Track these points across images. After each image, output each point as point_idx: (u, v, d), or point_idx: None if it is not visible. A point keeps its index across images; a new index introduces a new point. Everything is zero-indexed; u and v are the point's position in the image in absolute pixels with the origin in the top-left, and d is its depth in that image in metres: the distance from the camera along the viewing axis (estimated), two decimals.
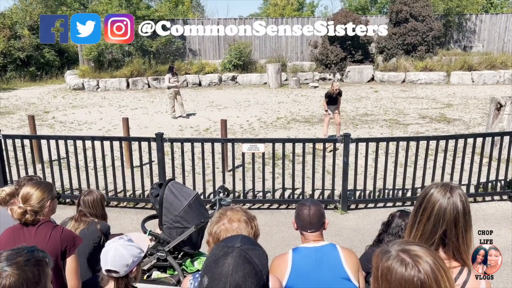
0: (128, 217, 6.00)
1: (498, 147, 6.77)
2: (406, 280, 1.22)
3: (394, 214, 2.99)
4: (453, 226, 1.69)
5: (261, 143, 5.99)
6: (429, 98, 16.33)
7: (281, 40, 23.20)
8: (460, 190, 1.74)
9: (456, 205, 1.70)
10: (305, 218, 2.40)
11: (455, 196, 1.70)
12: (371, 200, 6.22)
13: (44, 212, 2.59)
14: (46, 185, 2.69)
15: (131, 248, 2.01)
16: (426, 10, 21.17)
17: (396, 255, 1.26)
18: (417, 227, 1.75)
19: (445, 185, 1.75)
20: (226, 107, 15.13)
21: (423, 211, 1.74)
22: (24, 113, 14.18)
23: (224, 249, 1.21)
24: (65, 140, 6.25)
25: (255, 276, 1.18)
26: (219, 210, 2.00)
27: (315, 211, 2.41)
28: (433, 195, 1.72)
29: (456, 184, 1.79)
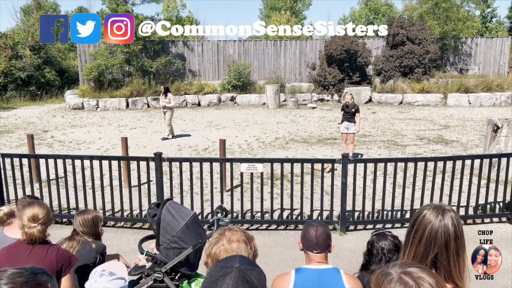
0: (125, 237, 5.94)
1: (496, 168, 6.79)
2: None
3: (371, 240, 2.89)
4: (444, 250, 1.65)
5: (260, 163, 5.99)
6: (427, 119, 16.45)
7: (279, 61, 23.51)
8: (452, 212, 1.72)
9: (447, 227, 1.66)
10: (311, 238, 2.39)
11: (447, 219, 1.68)
12: (370, 221, 6.19)
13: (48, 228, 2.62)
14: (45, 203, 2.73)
15: (116, 282, 2.01)
16: (422, 34, 21.55)
17: (399, 278, 1.24)
18: (409, 249, 1.72)
19: (437, 207, 1.73)
20: (225, 127, 15.19)
21: (415, 233, 1.71)
22: (23, 132, 14.20)
23: (222, 270, 1.21)
24: (63, 159, 6.24)
25: None
26: (218, 231, 1.99)
27: (322, 232, 2.41)
28: (425, 216, 1.71)
29: (449, 206, 1.78)
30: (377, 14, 41.47)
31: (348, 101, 9.99)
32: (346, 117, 9.95)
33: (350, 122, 9.91)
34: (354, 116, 9.90)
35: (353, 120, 9.89)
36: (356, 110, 9.94)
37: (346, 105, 10.01)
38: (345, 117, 9.97)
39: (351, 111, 9.91)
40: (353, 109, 9.91)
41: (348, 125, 9.91)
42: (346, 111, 9.96)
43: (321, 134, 13.66)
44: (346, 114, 9.95)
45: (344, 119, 9.97)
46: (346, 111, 9.96)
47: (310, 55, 23.49)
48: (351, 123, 9.89)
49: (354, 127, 9.88)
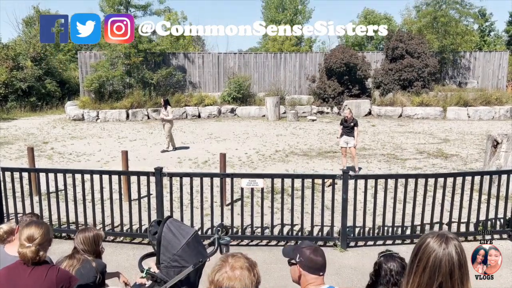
0: (124, 252, 5.91)
1: (497, 184, 6.79)
2: None
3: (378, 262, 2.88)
4: (448, 278, 1.65)
5: (260, 178, 5.99)
6: (426, 133, 16.49)
7: (279, 74, 23.65)
8: (456, 241, 1.72)
9: (451, 256, 1.66)
10: (319, 262, 2.38)
11: (451, 247, 1.68)
12: (371, 237, 6.16)
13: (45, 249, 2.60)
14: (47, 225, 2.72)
15: None
16: (421, 47, 21.72)
17: None
18: (413, 278, 1.71)
19: (441, 235, 1.73)
20: (225, 139, 15.21)
21: (418, 262, 1.71)
22: (23, 144, 14.20)
23: None
24: (64, 173, 6.24)
25: None
26: (221, 257, 1.98)
27: (323, 253, 2.43)
28: (428, 245, 1.70)
29: (453, 234, 1.78)
30: (376, 31, 41.80)
31: (347, 115, 10.06)
32: (345, 131, 9.99)
33: (349, 136, 9.95)
34: (353, 130, 9.95)
35: (352, 134, 9.94)
36: (355, 124, 9.99)
37: (345, 120, 10.07)
38: (344, 131, 10.01)
39: (350, 125, 9.96)
40: (352, 123, 9.96)
41: (347, 139, 9.94)
42: (345, 125, 10.01)
43: (321, 147, 13.67)
44: (345, 128, 10.01)
45: (344, 133, 10.01)
46: (345, 126, 10.01)
47: (310, 68, 23.64)
48: (350, 137, 9.93)
49: (353, 140, 9.92)
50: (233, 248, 4.61)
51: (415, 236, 6.23)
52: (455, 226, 6.38)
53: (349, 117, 9.99)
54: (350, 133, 9.94)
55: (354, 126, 9.96)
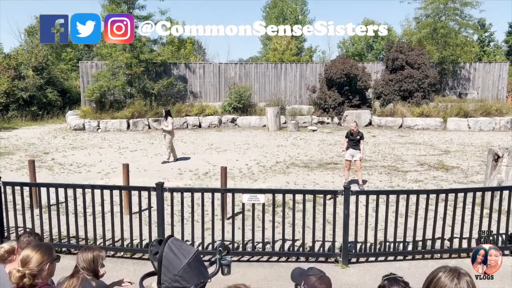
0: (124, 268, 5.88)
1: (498, 198, 6.77)
2: None
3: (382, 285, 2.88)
4: None
5: (262, 193, 5.97)
6: (427, 144, 16.49)
7: (280, 84, 23.73)
8: (468, 277, 1.72)
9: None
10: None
11: (463, 283, 1.68)
12: (372, 253, 6.13)
13: (42, 275, 2.56)
14: (47, 248, 2.67)
15: None
16: (421, 58, 21.82)
17: None
18: None
19: (453, 270, 1.73)
20: (226, 149, 15.21)
21: None
22: (23, 154, 14.21)
23: None
24: (65, 188, 6.23)
25: None
26: None
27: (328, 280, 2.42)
28: (440, 279, 1.70)
29: (464, 270, 1.77)
30: (376, 38, 42.05)
31: (353, 128, 9.99)
32: (351, 144, 9.95)
33: (355, 149, 9.90)
34: (359, 143, 9.92)
35: (358, 147, 9.90)
36: (361, 137, 9.97)
37: (350, 133, 10.00)
38: (350, 144, 9.97)
39: (356, 138, 9.92)
40: (358, 136, 9.94)
41: (353, 152, 9.91)
42: (351, 138, 9.97)
43: (321, 158, 13.67)
44: (351, 142, 9.95)
45: (349, 146, 9.97)
46: (351, 139, 9.96)
47: (310, 78, 23.73)
48: (356, 150, 9.89)
49: (359, 154, 9.90)
50: (234, 264, 4.58)
51: (417, 252, 6.20)
52: (457, 241, 6.36)
53: (355, 130, 9.95)
54: (356, 146, 9.91)
55: (360, 139, 9.94)
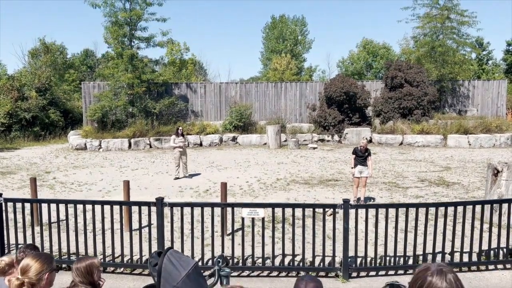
0: (124, 284, 5.85)
1: (498, 213, 6.77)
2: None
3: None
4: None
5: (261, 208, 5.99)
6: (427, 160, 16.51)
7: (280, 102, 23.94)
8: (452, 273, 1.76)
9: None
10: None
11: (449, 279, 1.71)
12: (373, 268, 6.10)
13: (41, 284, 2.58)
14: (46, 257, 2.69)
15: None
16: (420, 76, 22.06)
17: None
18: None
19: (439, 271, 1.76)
20: (226, 167, 15.25)
21: None
22: (25, 173, 14.26)
23: None
24: (65, 204, 6.27)
25: None
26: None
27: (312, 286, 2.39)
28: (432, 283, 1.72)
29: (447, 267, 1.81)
30: (375, 57, 42.57)
31: (362, 145, 9.93)
32: (360, 160, 9.90)
33: (364, 165, 9.87)
34: (366, 160, 9.90)
35: (366, 163, 9.88)
36: (369, 154, 9.97)
37: (359, 150, 9.94)
38: (358, 161, 9.92)
39: (364, 154, 9.89)
40: (366, 153, 9.93)
41: (361, 168, 9.86)
42: (359, 155, 9.92)
43: (322, 175, 13.69)
44: (359, 158, 9.92)
45: (357, 163, 9.92)
46: (359, 155, 9.92)
47: (310, 97, 23.96)
48: (364, 166, 9.87)
49: (367, 170, 9.88)
50: (234, 279, 4.56)
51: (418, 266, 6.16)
52: (458, 255, 6.33)
53: (363, 147, 9.90)
54: (364, 163, 9.89)
55: (368, 155, 9.94)
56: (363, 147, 9.91)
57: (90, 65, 45.74)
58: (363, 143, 10.00)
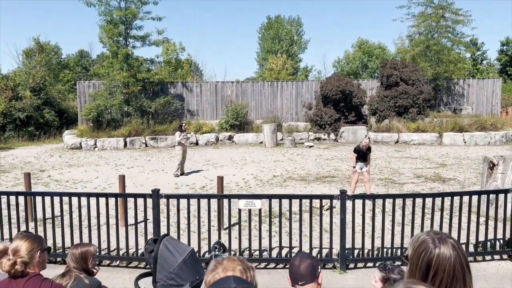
0: (120, 276, 5.80)
1: (494, 206, 6.77)
2: None
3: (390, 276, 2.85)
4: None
5: (258, 199, 5.96)
6: (423, 158, 16.54)
7: (276, 101, 23.93)
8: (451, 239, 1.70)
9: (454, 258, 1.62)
10: (295, 269, 2.34)
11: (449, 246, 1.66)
12: (370, 259, 6.08)
13: (34, 263, 2.54)
14: (36, 237, 2.68)
15: None
16: (415, 75, 22.12)
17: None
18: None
19: (442, 239, 1.67)
20: (223, 165, 15.20)
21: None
22: (19, 172, 14.14)
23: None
24: (60, 196, 6.20)
25: None
26: (216, 259, 1.96)
27: (307, 263, 2.35)
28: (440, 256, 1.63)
29: (442, 232, 1.76)
30: (371, 57, 42.70)
31: (365, 145, 9.98)
32: (360, 158, 9.99)
33: (364, 161, 10.00)
34: (366, 156, 10.01)
35: (365, 159, 10.01)
36: (369, 149, 10.06)
37: (361, 149, 9.97)
38: (358, 158, 9.99)
39: (365, 152, 9.99)
40: (368, 150, 10.02)
41: (362, 165, 10.01)
42: (360, 154, 9.99)
43: (318, 172, 13.68)
44: (360, 156, 9.98)
45: (359, 160, 10.00)
46: (360, 155, 9.99)
47: (306, 96, 23.97)
48: (364, 162, 10.01)
49: (367, 166, 10.04)
50: None
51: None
52: None
53: (366, 146, 9.98)
54: (365, 159, 10.00)
55: (368, 151, 10.03)
56: (365, 146, 9.97)
57: (85, 66, 45.55)
58: (366, 142, 10.05)
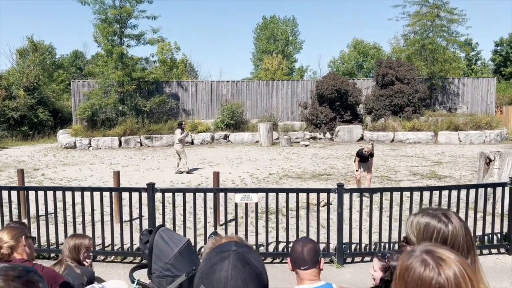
0: (115, 271, 5.71)
1: (491, 201, 6.75)
2: (423, 281, 1.13)
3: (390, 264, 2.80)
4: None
5: (254, 193, 5.90)
6: (419, 156, 16.56)
7: (272, 101, 23.89)
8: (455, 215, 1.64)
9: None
10: (298, 253, 2.30)
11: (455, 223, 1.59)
12: (368, 253, 6.04)
13: (20, 247, 2.51)
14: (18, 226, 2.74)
15: None
16: (410, 74, 22.17)
17: (419, 255, 1.19)
18: None
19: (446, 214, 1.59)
20: (218, 163, 15.13)
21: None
22: (13, 171, 13.98)
23: (219, 255, 1.12)
24: (53, 191, 6.10)
25: (256, 278, 1.09)
26: (215, 236, 1.89)
27: (309, 247, 2.32)
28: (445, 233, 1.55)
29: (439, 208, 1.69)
30: (366, 57, 42.79)
31: (367, 150, 9.72)
32: (362, 163, 9.84)
33: (366, 166, 9.87)
34: (368, 160, 9.83)
35: (367, 164, 9.86)
36: (371, 155, 9.81)
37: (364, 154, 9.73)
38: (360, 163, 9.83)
39: (368, 157, 9.77)
40: (370, 156, 9.81)
41: (364, 167, 9.89)
42: (363, 160, 9.80)
43: (314, 170, 13.64)
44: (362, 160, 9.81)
45: (361, 165, 9.84)
46: (362, 160, 9.81)
47: (302, 95, 23.94)
48: (366, 167, 9.88)
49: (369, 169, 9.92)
50: None
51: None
52: None
53: (368, 152, 9.72)
54: (366, 164, 9.85)
55: (370, 156, 9.80)
56: (368, 152, 9.69)
57: (79, 66, 45.29)
58: (368, 148, 9.72)
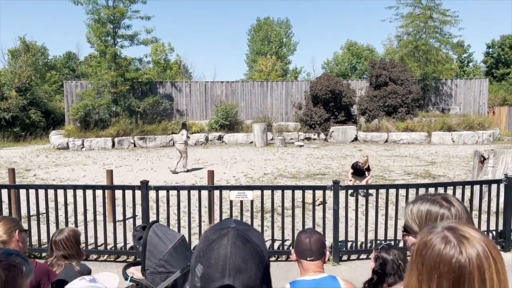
0: (108, 271, 5.61)
1: (486, 199, 6.75)
2: (442, 259, 1.03)
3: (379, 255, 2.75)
4: None
5: (250, 190, 5.85)
6: (412, 156, 16.61)
7: (266, 101, 23.87)
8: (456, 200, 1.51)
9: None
10: (304, 244, 2.27)
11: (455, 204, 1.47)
12: (364, 250, 6.01)
13: (13, 241, 2.43)
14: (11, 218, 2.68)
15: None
16: (404, 75, 22.27)
17: (441, 231, 1.08)
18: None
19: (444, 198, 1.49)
20: (213, 164, 15.05)
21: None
22: (4, 171, 13.81)
23: (218, 232, 1.06)
24: (45, 189, 6.00)
25: (256, 256, 1.03)
26: None
27: (316, 238, 2.29)
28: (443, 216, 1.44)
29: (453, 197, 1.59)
30: (360, 58, 42.96)
31: (362, 162, 9.29)
32: (357, 173, 9.45)
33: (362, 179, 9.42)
34: (364, 175, 9.43)
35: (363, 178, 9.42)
36: (368, 169, 9.42)
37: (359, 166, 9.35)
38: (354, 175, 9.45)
39: (363, 170, 9.39)
40: (366, 170, 9.42)
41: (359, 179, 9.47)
42: (357, 173, 9.45)
43: (309, 170, 13.61)
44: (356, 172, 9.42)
45: (355, 176, 9.45)
46: (357, 173, 9.46)
47: (296, 96, 23.95)
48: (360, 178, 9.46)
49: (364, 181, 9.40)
50: None
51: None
52: None
53: (363, 164, 9.31)
54: (361, 178, 9.39)
55: (366, 170, 9.40)
56: (363, 164, 9.25)
57: (72, 67, 44.98)
58: (363, 160, 9.26)
